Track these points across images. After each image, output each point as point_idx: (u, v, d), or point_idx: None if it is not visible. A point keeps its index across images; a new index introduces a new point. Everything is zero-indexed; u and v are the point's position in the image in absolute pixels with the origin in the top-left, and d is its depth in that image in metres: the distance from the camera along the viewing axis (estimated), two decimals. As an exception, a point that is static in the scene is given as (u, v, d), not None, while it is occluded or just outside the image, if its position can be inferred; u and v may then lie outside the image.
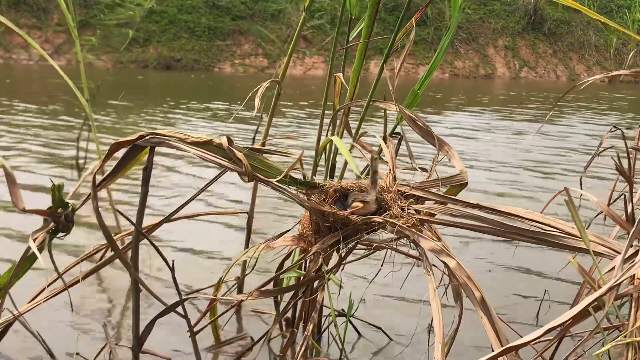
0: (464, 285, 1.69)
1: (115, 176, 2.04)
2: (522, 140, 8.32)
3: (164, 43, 15.17)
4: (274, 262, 2.53)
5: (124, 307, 3.17)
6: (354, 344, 2.86)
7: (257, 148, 1.98)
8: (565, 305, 3.18)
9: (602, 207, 2.29)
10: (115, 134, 7.27)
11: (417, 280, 2.59)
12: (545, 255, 3.95)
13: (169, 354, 2.47)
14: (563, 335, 1.67)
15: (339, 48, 2.66)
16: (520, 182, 6.01)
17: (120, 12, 14.84)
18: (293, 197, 1.96)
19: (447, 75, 16.24)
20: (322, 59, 15.58)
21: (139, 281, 2.02)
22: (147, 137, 1.92)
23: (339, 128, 2.68)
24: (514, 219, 1.80)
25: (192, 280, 3.31)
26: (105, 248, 2.53)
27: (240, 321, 3.08)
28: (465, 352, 2.69)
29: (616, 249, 1.69)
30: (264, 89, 2.42)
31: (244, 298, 2.18)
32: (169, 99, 10.77)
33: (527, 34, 17.57)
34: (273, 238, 2.16)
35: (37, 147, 6.60)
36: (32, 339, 2.59)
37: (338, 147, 2.27)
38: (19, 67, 13.73)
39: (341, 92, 2.65)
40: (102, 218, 1.94)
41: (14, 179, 1.96)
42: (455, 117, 10.12)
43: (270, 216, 4.57)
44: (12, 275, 2.04)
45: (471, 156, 7.05)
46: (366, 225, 1.94)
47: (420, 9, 2.49)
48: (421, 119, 2.24)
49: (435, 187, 2.00)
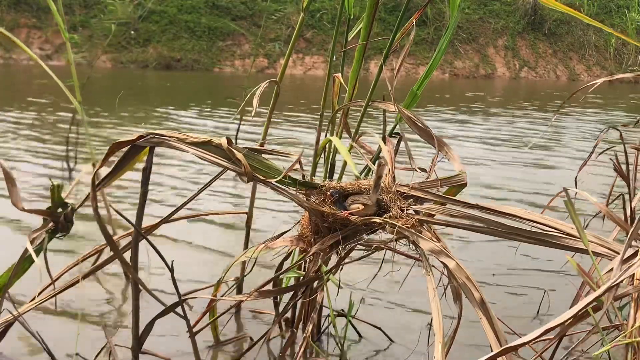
0: (463, 285, 1.69)
1: (114, 176, 2.04)
2: (522, 141, 8.32)
3: (164, 43, 15.17)
4: (274, 262, 2.53)
5: (124, 307, 3.17)
6: (353, 345, 2.86)
7: (257, 148, 1.98)
8: (565, 303, 3.17)
9: (601, 207, 2.29)
10: (114, 134, 7.27)
11: (416, 281, 2.60)
12: (546, 255, 3.95)
13: (168, 354, 2.47)
14: (562, 335, 1.67)
15: (338, 49, 2.66)
16: (520, 182, 6.01)
17: (116, 11, 14.81)
18: (292, 197, 1.96)
19: (447, 75, 16.23)
20: (322, 59, 15.57)
21: (138, 281, 2.02)
22: (146, 137, 1.92)
23: (338, 128, 2.68)
24: (513, 219, 1.80)
25: (192, 280, 3.31)
26: (105, 248, 2.53)
27: (240, 321, 3.08)
28: (466, 352, 2.69)
29: (615, 250, 1.69)
30: (262, 89, 2.42)
31: (244, 298, 2.18)
32: (170, 99, 10.77)
33: (527, 34, 17.57)
34: (272, 238, 2.15)
35: (36, 147, 6.60)
36: (32, 339, 2.59)
37: (337, 147, 2.28)
38: (19, 67, 13.74)
39: (340, 92, 2.65)
40: (101, 218, 1.94)
41: (13, 179, 1.96)
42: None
43: (270, 216, 4.57)
44: (12, 275, 2.04)
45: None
46: (365, 226, 1.94)
47: (419, 8, 2.49)
48: (421, 119, 2.23)
49: (434, 187, 2.00)
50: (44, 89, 9.85)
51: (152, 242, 2.03)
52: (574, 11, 2.37)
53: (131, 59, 14.75)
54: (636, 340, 1.55)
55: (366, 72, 13.69)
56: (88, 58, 13.75)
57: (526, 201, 5.33)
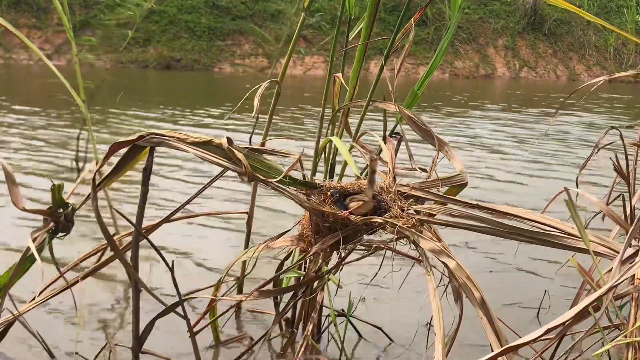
0: (464, 285, 1.69)
1: (115, 176, 2.04)
2: (522, 143, 8.32)
3: (164, 43, 15.17)
4: (274, 262, 2.53)
5: (124, 307, 3.17)
6: (354, 344, 2.86)
7: (257, 148, 1.98)
8: (565, 303, 3.17)
9: (602, 207, 2.29)
10: (114, 134, 7.26)
11: (416, 281, 2.60)
12: (546, 255, 3.95)
13: (169, 354, 2.47)
14: (563, 335, 1.67)
15: (339, 49, 2.66)
16: (519, 182, 6.01)
17: (120, 12, 14.82)
18: (293, 197, 1.96)
19: (447, 75, 16.23)
20: (322, 59, 15.57)
21: (138, 281, 2.02)
22: (147, 137, 1.92)
23: (338, 128, 2.68)
24: (513, 219, 1.80)
25: (192, 280, 3.31)
26: (105, 248, 2.53)
27: (240, 321, 3.08)
28: (466, 352, 2.69)
29: (616, 249, 1.69)
30: (263, 89, 2.42)
31: (244, 298, 2.18)
32: (169, 99, 10.76)
33: (527, 34, 17.57)
34: (273, 238, 2.15)
35: (35, 147, 6.60)
36: (32, 339, 2.59)
37: (338, 147, 2.28)
38: (19, 67, 13.73)
39: (341, 92, 2.65)
40: (102, 218, 1.94)
41: (14, 179, 1.96)
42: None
43: (270, 216, 4.57)
44: (12, 275, 2.04)
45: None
46: (366, 226, 1.94)
47: (420, 9, 2.49)
48: (421, 118, 2.23)
49: (435, 187, 2.00)
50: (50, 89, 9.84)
51: (151, 242, 2.03)
52: (577, 9, 2.37)
53: (131, 59, 14.75)
54: (636, 339, 1.55)
55: (366, 72, 13.68)
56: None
57: (526, 201, 5.33)
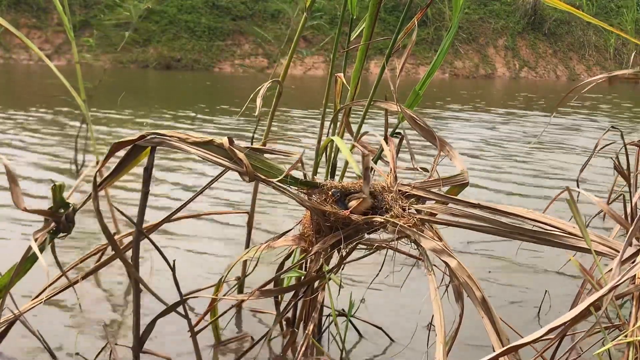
0: (465, 285, 1.69)
1: (116, 176, 2.04)
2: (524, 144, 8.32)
3: (164, 43, 15.17)
4: (275, 262, 2.53)
5: (124, 307, 3.17)
6: (354, 344, 2.86)
7: (258, 148, 1.98)
8: (566, 303, 3.17)
9: (602, 206, 2.29)
10: (115, 134, 7.27)
11: (417, 280, 2.60)
12: (546, 254, 3.95)
13: (169, 354, 2.47)
14: (564, 334, 1.67)
15: (340, 49, 2.65)
16: (519, 183, 6.01)
17: (119, 12, 14.83)
18: (294, 197, 1.96)
19: (447, 75, 16.23)
20: (322, 59, 15.57)
21: (139, 281, 2.02)
22: (148, 137, 1.92)
23: (339, 128, 2.68)
24: (515, 218, 1.80)
25: (193, 279, 3.31)
26: (106, 248, 2.53)
27: (241, 321, 3.08)
28: (466, 352, 2.69)
29: (617, 249, 1.68)
30: (265, 89, 2.42)
31: (245, 298, 2.18)
32: (169, 99, 10.76)
33: (527, 34, 17.57)
34: (274, 238, 2.15)
35: (35, 147, 6.60)
36: (33, 339, 2.59)
37: (339, 146, 2.27)
38: (19, 67, 13.73)
39: (342, 92, 2.65)
40: (102, 218, 1.93)
41: (16, 179, 1.96)
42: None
43: (270, 216, 4.57)
44: (13, 275, 2.04)
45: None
46: (367, 225, 1.94)
47: (420, 9, 2.48)
48: (423, 118, 2.23)
49: (436, 186, 2.00)
50: (49, 89, 9.84)
51: (153, 241, 2.03)
52: (576, 10, 2.36)
53: (131, 59, 14.75)
54: (637, 339, 1.55)
55: (366, 72, 13.68)
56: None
57: (527, 201, 5.33)
